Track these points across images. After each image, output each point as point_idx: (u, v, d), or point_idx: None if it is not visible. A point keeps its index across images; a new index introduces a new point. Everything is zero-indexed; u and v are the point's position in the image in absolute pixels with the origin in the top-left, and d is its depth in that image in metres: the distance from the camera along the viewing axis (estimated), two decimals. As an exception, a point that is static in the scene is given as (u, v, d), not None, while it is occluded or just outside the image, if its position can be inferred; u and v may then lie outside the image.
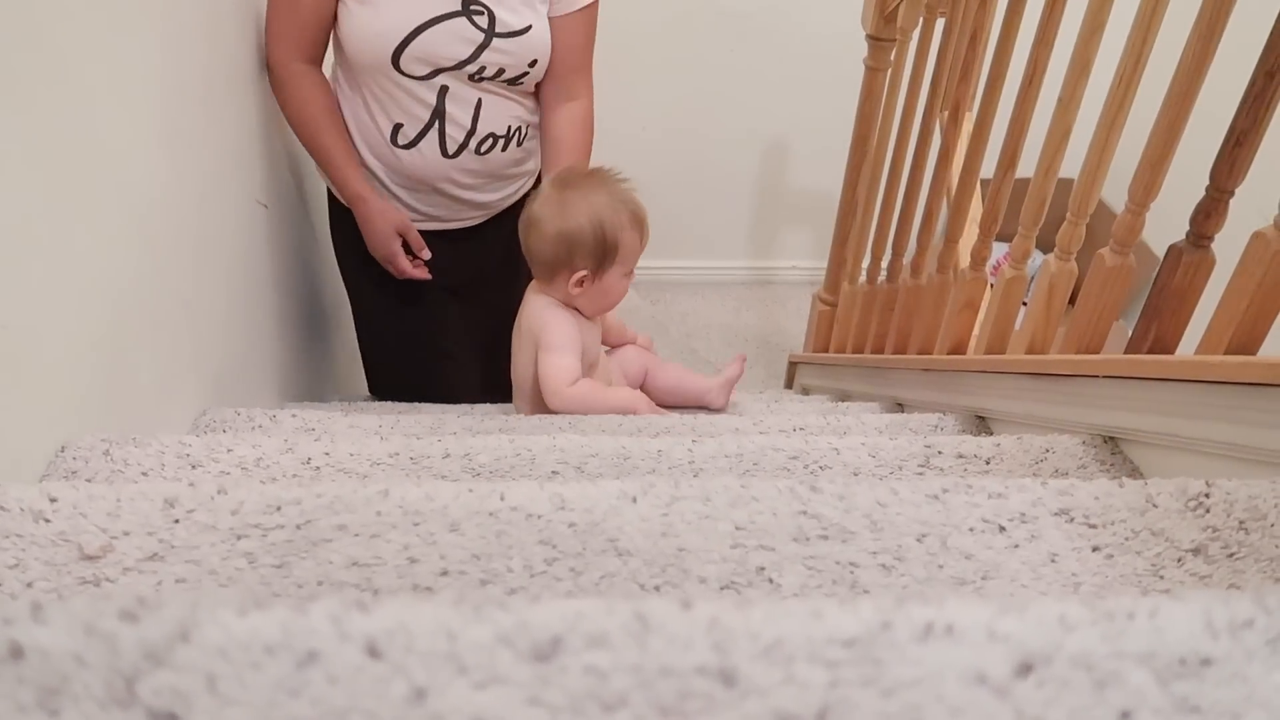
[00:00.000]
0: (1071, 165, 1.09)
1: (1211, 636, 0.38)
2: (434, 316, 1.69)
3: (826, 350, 2.21)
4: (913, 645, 0.37)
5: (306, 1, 1.33)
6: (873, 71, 1.88)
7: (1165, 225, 1.06)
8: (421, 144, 1.43)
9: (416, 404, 1.54)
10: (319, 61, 1.42)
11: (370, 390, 1.84)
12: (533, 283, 1.37)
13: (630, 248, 1.30)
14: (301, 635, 0.38)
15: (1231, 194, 0.89)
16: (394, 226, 1.49)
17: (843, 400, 1.85)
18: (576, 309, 1.35)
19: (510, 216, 1.48)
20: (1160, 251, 0.94)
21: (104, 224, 0.90)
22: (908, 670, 0.37)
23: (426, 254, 1.55)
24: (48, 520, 0.65)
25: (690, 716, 0.36)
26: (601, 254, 1.27)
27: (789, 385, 2.52)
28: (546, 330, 1.32)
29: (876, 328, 1.82)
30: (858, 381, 1.90)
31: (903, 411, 1.52)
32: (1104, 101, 1.02)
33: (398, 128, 1.42)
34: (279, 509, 0.68)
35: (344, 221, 1.56)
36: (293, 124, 1.44)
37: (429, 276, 1.56)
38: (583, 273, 1.28)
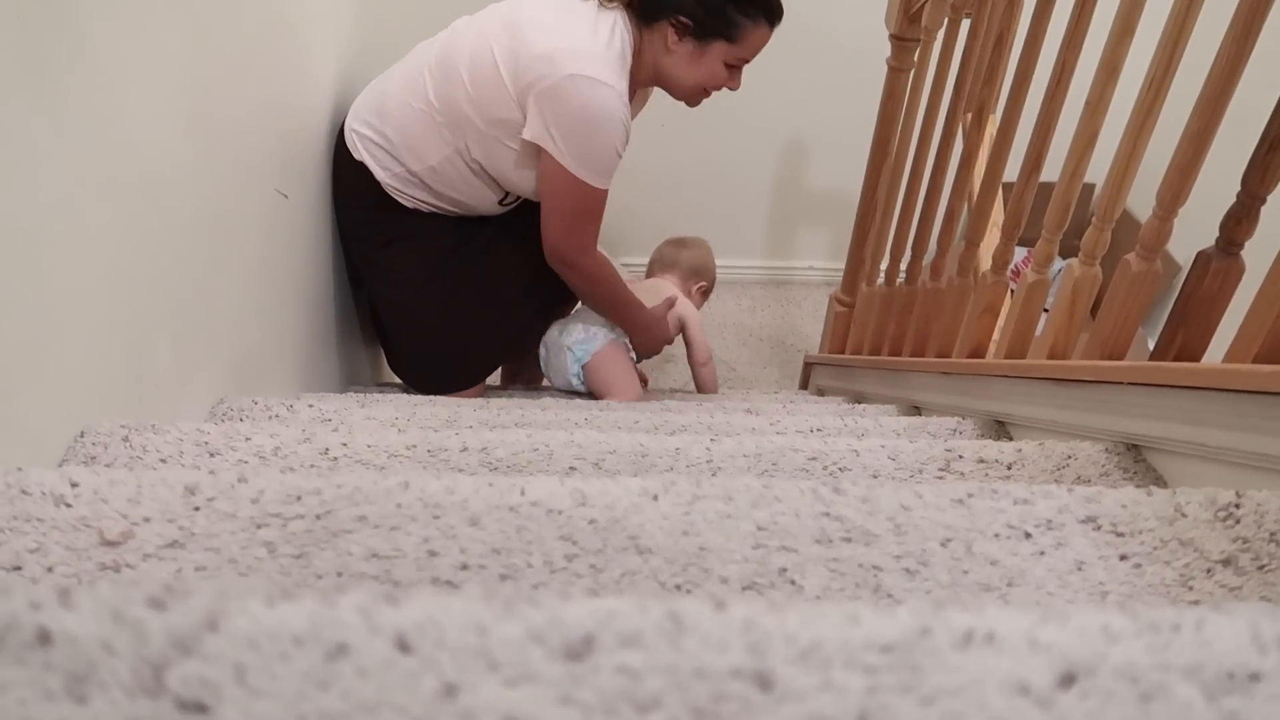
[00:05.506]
0: (1093, 170, 1.08)
1: (1260, 651, 0.37)
2: (502, 259, 1.78)
3: (842, 352, 2.20)
4: (953, 652, 0.36)
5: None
6: (895, 72, 1.87)
7: (1181, 232, 1.04)
8: (521, 199, 1.68)
9: (432, 396, 1.54)
10: None
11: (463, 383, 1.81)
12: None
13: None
14: (330, 627, 0.38)
15: (1264, 200, 0.87)
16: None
17: (858, 402, 1.84)
18: None
19: None
20: (1179, 258, 0.93)
21: (125, 210, 0.90)
22: (948, 678, 0.36)
23: None
24: (69, 505, 0.65)
25: (725, 720, 0.36)
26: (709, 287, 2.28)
27: (804, 386, 2.51)
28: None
29: (894, 330, 1.81)
30: (874, 383, 1.89)
31: (919, 415, 1.51)
32: (1133, 105, 1.00)
33: (507, 193, 1.64)
34: (299, 499, 0.67)
35: (406, 241, 1.67)
36: (605, 284, 1.72)
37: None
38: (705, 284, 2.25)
